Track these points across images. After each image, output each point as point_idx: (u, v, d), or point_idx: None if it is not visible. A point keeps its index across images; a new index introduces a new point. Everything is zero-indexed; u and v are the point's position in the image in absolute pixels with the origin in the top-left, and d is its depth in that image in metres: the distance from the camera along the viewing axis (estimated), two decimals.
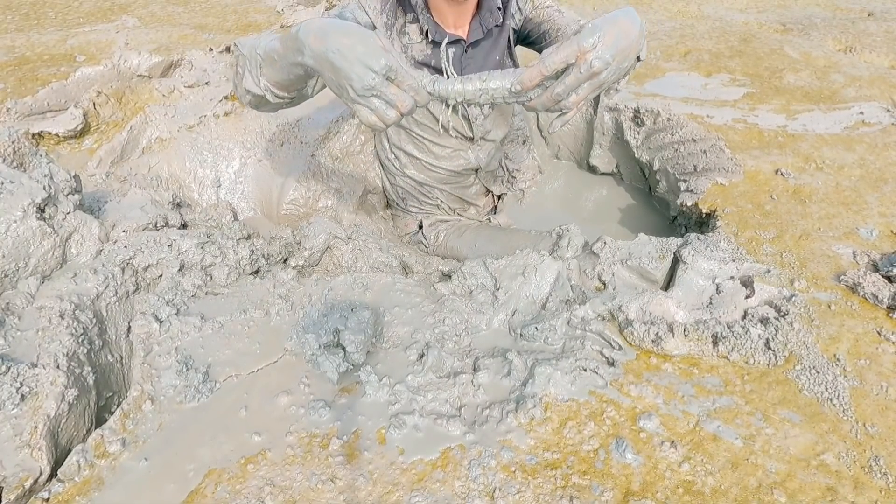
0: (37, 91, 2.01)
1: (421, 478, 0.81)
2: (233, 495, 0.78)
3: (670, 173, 1.75)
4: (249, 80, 1.05)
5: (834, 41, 2.59)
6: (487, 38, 1.40)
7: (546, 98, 0.88)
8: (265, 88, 1.04)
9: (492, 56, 1.45)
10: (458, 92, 0.89)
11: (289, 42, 0.94)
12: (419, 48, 1.37)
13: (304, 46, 0.90)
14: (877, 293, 1.13)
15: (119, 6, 3.17)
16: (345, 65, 0.84)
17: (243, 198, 1.77)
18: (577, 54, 0.83)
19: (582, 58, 0.84)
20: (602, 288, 1.17)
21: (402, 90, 0.86)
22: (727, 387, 0.95)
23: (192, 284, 1.15)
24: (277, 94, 1.06)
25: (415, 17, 1.34)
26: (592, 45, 0.83)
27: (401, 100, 0.85)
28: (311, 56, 0.89)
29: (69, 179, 1.20)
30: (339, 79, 0.86)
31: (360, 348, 0.99)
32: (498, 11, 1.38)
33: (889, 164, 1.62)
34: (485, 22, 1.37)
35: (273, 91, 1.05)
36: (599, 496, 0.78)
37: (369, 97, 0.85)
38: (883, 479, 0.81)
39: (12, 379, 0.87)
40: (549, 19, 1.42)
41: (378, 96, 0.85)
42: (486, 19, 1.37)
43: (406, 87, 0.86)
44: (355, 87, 0.84)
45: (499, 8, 1.38)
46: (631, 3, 3.24)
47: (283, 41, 0.96)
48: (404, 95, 0.86)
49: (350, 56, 0.84)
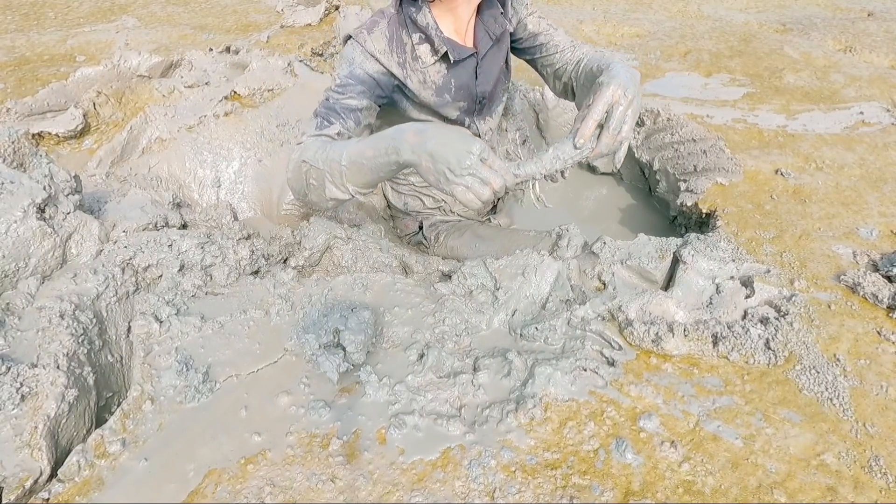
0: (37, 91, 2.01)
1: (421, 478, 0.81)
2: (233, 495, 0.78)
3: (670, 173, 1.75)
4: (334, 190, 1.14)
5: (834, 41, 2.59)
6: (494, 45, 1.38)
7: (609, 139, 1.02)
8: (354, 192, 1.13)
9: (497, 63, 1.42)
10: (538, 170, 1.02)
11: (382, 145, 1.03)
12: (435, 70, 1.32)
13: (402, 144, 1.00)
14: (877, 293, 1.13)
15: (119, 6, 3.17)
16: (444, 151, 0.95)
17: (243, 198, 1.77)
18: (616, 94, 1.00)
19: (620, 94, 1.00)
20: (602, 288, 1.17)
21: (493, 170, 0.96)
22: (727, 387, 0.95)
23: (192, 284, 1.15)
24: (364, 192, 1.15)
25: (422, 37, 1.28)
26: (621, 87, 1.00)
27: (493, 178, 0.95)
28: (410, 151, 0.99)
29: (69, 179, 1.20)
30: (437, 165, 0.96)
31: (360, 348, 0.99)
32: (501, 16, 1.36)
33: (889, 164, 1.62)
34: (490, 29, 1.34)
35: (361, 192, 1.14)
36: (599, 496, 0.78)
37: (465, 176, 0.94)
38: (883, 479, 0.81)
39: (12, 379, 0.87)
40: (545, 33, 1.41)
41: (473, 174, 0.95)
42: (490, 26, 1.34)
43: (497, 168, 0.96)
44: (454, 168, 0.94)
45: (501, 12, 1.36)
46: (631, 2, 3.25)
47: (373, 146, 1.05)
48: (495, 175, 0.96)
49: (449, 143, 0.95)
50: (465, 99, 1.39)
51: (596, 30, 2.80)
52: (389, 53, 1.27)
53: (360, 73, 1.26)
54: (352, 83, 1.25)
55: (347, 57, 1.27)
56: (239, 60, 2.19)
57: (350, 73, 1.26)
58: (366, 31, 1.26)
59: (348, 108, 1.24)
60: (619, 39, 2.73)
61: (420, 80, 1.31)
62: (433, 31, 1.26)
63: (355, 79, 1.26)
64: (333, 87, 1.25)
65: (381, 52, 1.26)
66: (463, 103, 1.39)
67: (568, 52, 1.38)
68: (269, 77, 2.00)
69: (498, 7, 1.35)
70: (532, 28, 1.41)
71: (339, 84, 1.25)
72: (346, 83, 1.25)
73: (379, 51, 1.26)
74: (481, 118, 1.48)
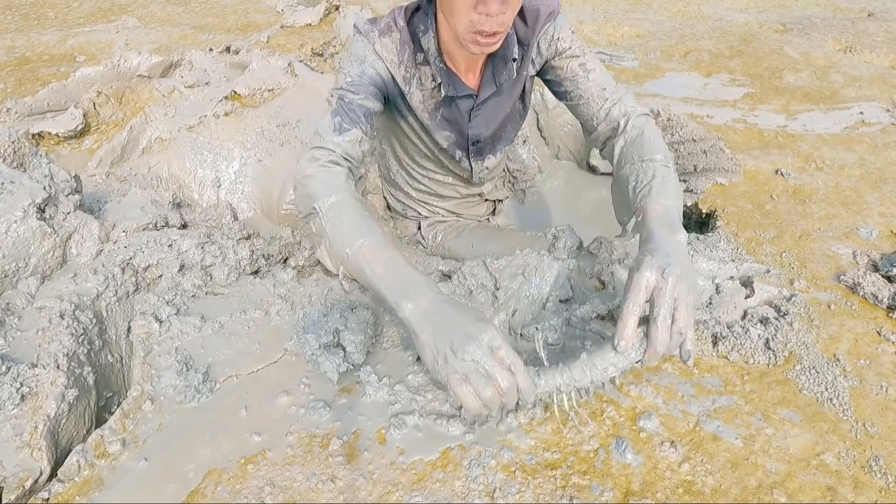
0: (37, 91, 2.01)
1: (421, 478, 0.81)
2: (233, 495, 0.79)
3: None
4: (325, 258, 1.04)
5: (834, 41, 2.59)
6: (499, 91, 1.26)
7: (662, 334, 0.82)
8: (342, 275, 1.02)
9: (502, 108, 1.31)
10: (568, 382, 0.85)
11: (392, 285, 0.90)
12: (430, 94, 1.23)
13: (410, 303, 0.86)
14: (877, 293, 1.13)
15: (119, 6, 3.17)
16: (449, 327, 0.81)
17: (243, 198, 1.77)
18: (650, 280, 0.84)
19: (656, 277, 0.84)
20: (601, 287, 1.17)
21: (503, 366, 0.79)
22: (727, 387, 0.95)
23: (192, 284, 1.15)
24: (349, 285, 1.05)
25: (424, 59, 1.19)
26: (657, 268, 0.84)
27: (500, 375, 0.78)
28: (415, 314, 0.85)
29: (69, 179, 1.20)
30: (437, 341, 0.81)
31: (360, 348, 0.99)
32: (513, 63, 1.21)
33: (889, 164, 1.62)
34: (498, 74, 1.22)
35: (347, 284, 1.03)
36: (599, 496, 0.78)
37: (466, 362, 0.78)
38: (883, 479, 0.81)
39: (12, 379, 0.87)
40: (573, 79, 1.22)
41: (476, 362, 0.78)
42: (499, 70, 1.21)
43: (511, 363, 0.79)
44: (455, 349, 0.79)
45: (514, 59, 1.20)
46: (631, 2, 3.25)
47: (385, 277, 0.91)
48: (505, 373, 0.78)
49: (458, 321, 0.82)
50: (454, 133, 1.32)
51: (596, 30, 2.80)
52: (397, 65, 1.19)
53: (371, 72, 1.17)
54: (365, 83, 1.17)
55: (358, 54, 1.18)
56: (239, 60, 2.19)
57: (362, 71, 1.17)
58: (377, 33, 1.18)
59: (365, 110, 1.15)
60: (619, 39, 2.73)
61: (420, 99, 1.24)
62: (433, 59, 1.18)
63: (368, 78, 1.17)
64: (345, 84, 1.15)
65: (389, 61, 1.18)
66: (451, 136, 1.32)
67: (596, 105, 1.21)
68: (270, 77, 2.00)
69: (513, 52, 1.20)
70: (561, 71, 1.24)
71: (353, 82, 1.15)
72: (360, 82, 1.16)
73: (388, 58, 1.18)
74: (479, 158, 1.41)
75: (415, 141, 1.38)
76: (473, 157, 1.40)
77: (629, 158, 1.13)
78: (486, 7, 0.96)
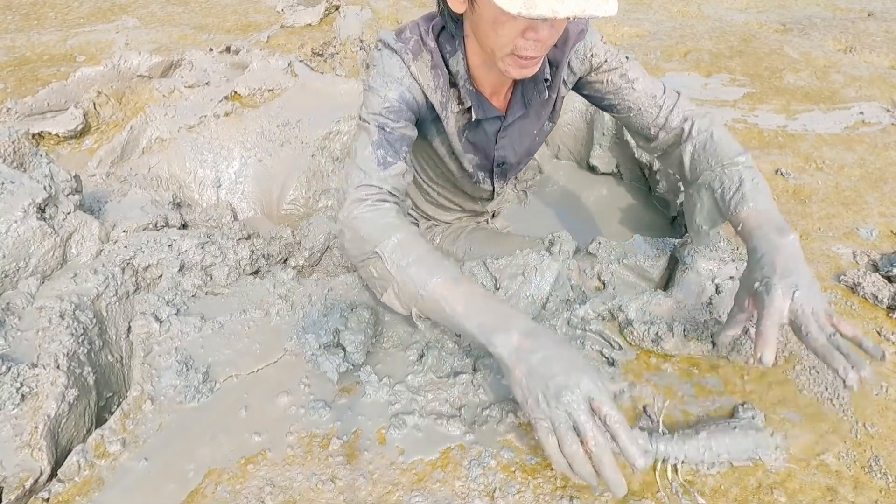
0: (37, 91, 2.01)
1: (421, 478, 0.81)
2: (233, 495, 0.79)
3: (670, 173, 1.75)
4: (394, 301, 0.97)
5: (834, 41, 2.59)
6: (527, 115, 1.23)
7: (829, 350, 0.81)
8: (414, 316, 0.96)
9: (529, 131, 1.27)
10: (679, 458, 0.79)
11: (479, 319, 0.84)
12: (458, 116, 1.18)
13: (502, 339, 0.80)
14: (877, 293, 1.13)
15: (119, 6, 3.17)
16: (547, 371, 0.75)
17: (243, 198, 1.77)
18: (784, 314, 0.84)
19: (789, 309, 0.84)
20: (602, 287, 1.17)
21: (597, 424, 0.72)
22: (727, 387, 0.95)
23: (192, 284, 1.15)
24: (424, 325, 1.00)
25: (452, 81, 1.12)
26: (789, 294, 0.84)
27: (591, 433, 0.71)
28: (508, 351, 0.79)
29: (69, 179, 1.20)
30: (531, 382, 0.76)
31: (360, 348, 0.99)
32: (544, 84, 1.16)
33: (889, 164, 1.62)
34: (527, 95, 1.18)
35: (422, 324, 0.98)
36: (599, 496, 0.78)
37: (558, 411, 0.73)
38: (883, 479, 0.81)
39: (12, 379, 0.87)
40: (616, 91, 1.17)
41: (569, 414, 0.73)
42: (528, 92, 1.18)
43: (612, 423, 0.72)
44: (548, 396, 0.74)
45: (546, 80, 1.16)
46: (631, 2, 3.24)
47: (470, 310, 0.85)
48: (597, 431, 0.72)
49: (557, 365, 0.76)
50: (478, 156, 1.29)
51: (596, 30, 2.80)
52: (434, 90, 1.10)
53: (409, 97, 1.07)
54: (403, 109, 1.06)
55: (394, 75, 1.06)
56: (239, 60, 2.20)
57: (400, 95, 1.06)
58: (411, 55, 1.08)
59: (407, 140, 1.07)
60: (619, 39, 2.73)
61: (454, 124, 1.19)
62: (462, 81, 1.12)
63: (406, 104, 1.07)
64: (383, 110, 1.04)
65: (426, 86, 1.09)
66: (475, 158, 1.29)
67: (650, 115, 1.16)
68: (270, 77, 2.00)
69: (545, 73, 1.14)
70: (600, 87, 1.19)
71: (391, 108, 1.04)
72: (398, 108, 1.05)
73: (426, 84, 1.09)
74: (502, 179, 1.38)
75: (438, 164, 1.33)
76: (497, 179, 1.37)
77: (706, 165, 1.09)
78: (536, 34, 0.92)
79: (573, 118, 2.04)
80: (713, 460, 0.80)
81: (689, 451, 0.80)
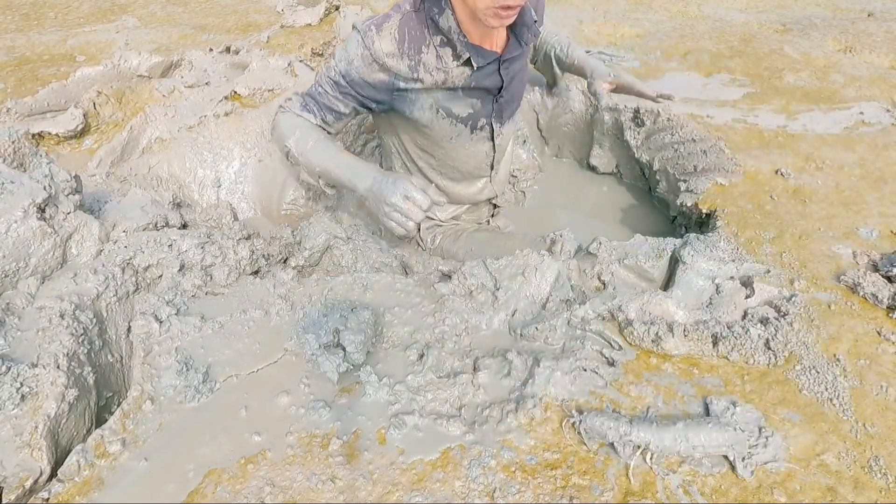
0: (37, 91, 2.01)
1: (421, 478, 0.81)
2: (233, 495, 0.79)
3: (670, 173, 1.75)
4: (306, 177, 1.40)
5: (834, 41, 2.59)
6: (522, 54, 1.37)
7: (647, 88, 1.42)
8: (323, 185, 1.38)
9: (521, 66, 1.41)
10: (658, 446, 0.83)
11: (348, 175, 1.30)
12: (459, 72, 1.28)
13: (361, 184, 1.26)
14: (877, 293, 1.13)
15: (119, 6, 3.17)
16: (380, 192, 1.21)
17: (243, 198, 1.77)
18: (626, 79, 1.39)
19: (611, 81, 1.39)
20: (602, 288, 1.17)
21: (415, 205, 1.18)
22: (727, 387, 0.95)
23: (192, 284, 1.15)
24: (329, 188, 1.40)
25: (444, 41, 1.23)
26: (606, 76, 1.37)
27: (412, 212, 1.19)
28: (364, 189, 1.26)
29: (69, 179, 1.20)
30: (377, 202, 1.22)
31: (360, 348, 0.99)
32: (535, 24, 1.32)
33: (889, 164, 1.62)
34: (522, 37, 1.31)
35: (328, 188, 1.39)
36: (599, 496, 0.78)
37: (392, 213, 1.20)
38: (883, 479, 0.81)
39: (12, 379, 0.87)
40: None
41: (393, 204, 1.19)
42: (522, 34, 1.31)
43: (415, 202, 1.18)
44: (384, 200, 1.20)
45: (535, 20, 1.32)
46: (631, 2, 3.24)
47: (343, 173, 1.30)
48: (415, 209, 1.19)
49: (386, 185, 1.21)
50: (479, 98, 1.37)
51: (596, 30, 2.80)
52: (399, 56, 1.23)
53: (355, 76, 1.27)
54: (343, 84, 1.29)
55: (350, 53, 1.26)
56: (239, 60, 2.19)
57: (346, 72, 1.28)
58: (374, 29, 1.22)
59: (330, 107, 1.33)
60: (619, 39, 2.73)
61: (440, 80, 1.28)
62: (455, 36, 1.22)
63: (349, 80, 1.28)
64: (328, 76, 1.31)
65: (388, 55, 1.22)
66: (477, 102, 1.37)
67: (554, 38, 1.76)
68: (270, 77, 2.00)
69: (532, 14, 1.31)
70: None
71: (333, 78, 1.30)
72: (339, 81, 1.29)
73: (386, 53, 1.22)
74: (500, 121, 1.46)
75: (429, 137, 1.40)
76: (495, 119, 1.44)
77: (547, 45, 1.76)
78: None
79: (573, 118, 2.04)
80: (689, 453, 0.83)
81: (666, 441, 0.83)
